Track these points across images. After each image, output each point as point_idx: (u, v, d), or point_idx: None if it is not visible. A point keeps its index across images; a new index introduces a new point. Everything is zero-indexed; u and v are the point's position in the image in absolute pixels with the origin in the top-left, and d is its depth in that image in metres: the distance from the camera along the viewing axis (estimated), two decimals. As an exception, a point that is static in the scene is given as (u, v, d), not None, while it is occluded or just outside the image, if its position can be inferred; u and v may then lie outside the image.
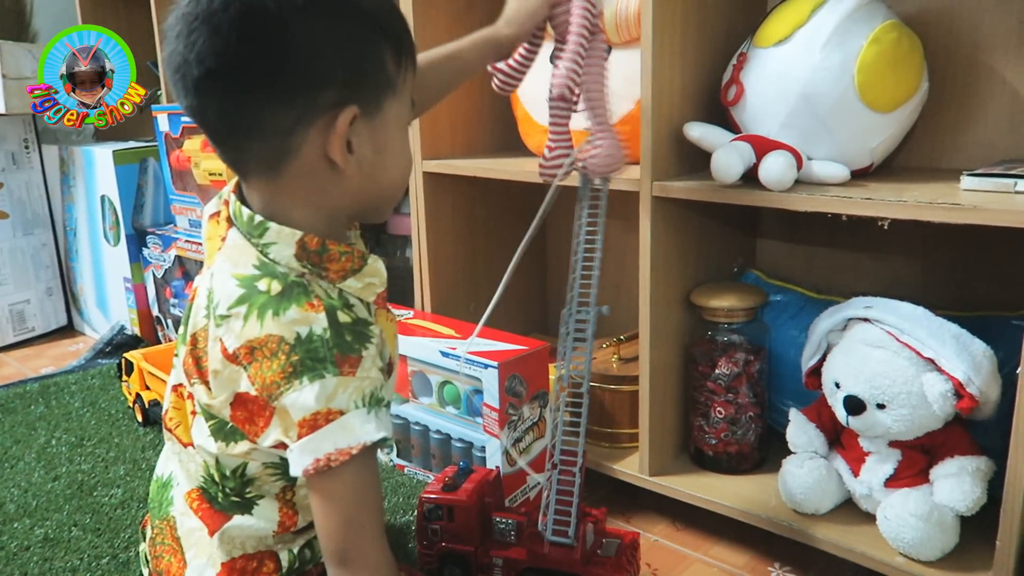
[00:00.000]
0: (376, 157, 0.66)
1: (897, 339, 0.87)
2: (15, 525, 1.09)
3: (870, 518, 0.94)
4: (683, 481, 1.07)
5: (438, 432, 1.19)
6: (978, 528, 0.88)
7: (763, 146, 0.93)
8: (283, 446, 0.65)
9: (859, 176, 0.97)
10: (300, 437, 0.62)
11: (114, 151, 1.76)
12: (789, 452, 1.01)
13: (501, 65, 0.88)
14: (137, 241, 1.80)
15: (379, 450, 0.65)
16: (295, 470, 0.63)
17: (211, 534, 0.73)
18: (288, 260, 0.65)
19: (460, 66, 0.87)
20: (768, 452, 1.11)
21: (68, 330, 2.02)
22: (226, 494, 0.73)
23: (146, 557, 0.81)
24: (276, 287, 0.64)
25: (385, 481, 1.19)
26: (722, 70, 1.04)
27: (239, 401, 0.67)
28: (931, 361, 0.86)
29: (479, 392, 1.09)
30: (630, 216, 1.04)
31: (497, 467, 1.06)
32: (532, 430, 1.13)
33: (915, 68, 0.95)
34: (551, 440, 0.90)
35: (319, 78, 0.61)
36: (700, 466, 1.11)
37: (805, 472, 0.95)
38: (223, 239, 0.69)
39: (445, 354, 1.13)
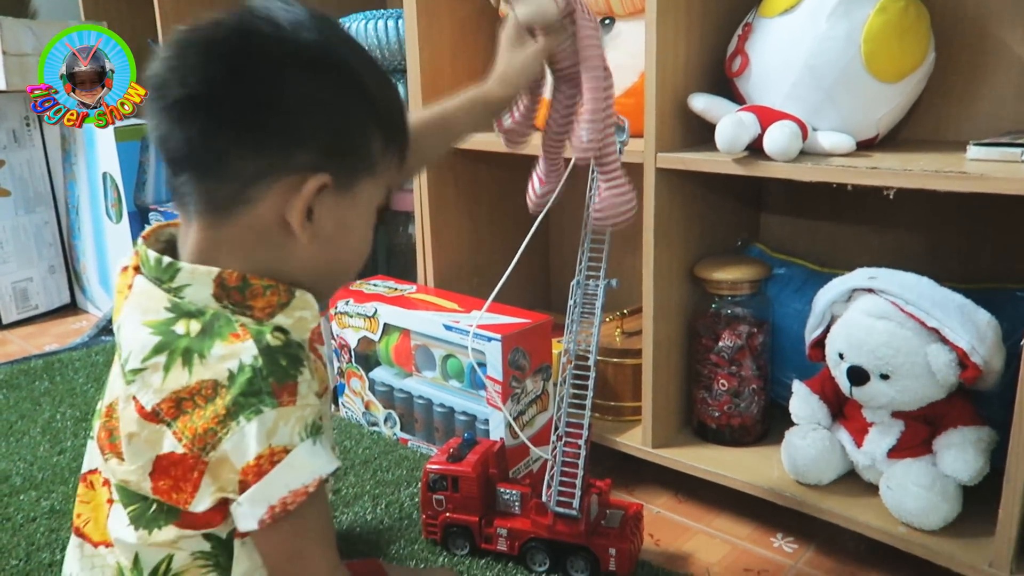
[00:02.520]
0: (335, 233, 0.62)
1: (901, 310, 0.87)
2: (21, 497, 1.09)
3: (873, 489, 0.95)
4: (686, 453, 1.08)
5: (441, 405, 1.19)
6: (980, 498, 0.88)
7: (768, 117, 0.92)
8: (221, 507, 0.59)
9: (864, 147, 0.97)
10: (247, 487, 0.56)
11: (115, 128, 1.75)
12: (792, 425, 1.01)
13: (506, 122, 0.83)
14: (139, 218, 1.80)
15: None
16: (247, 524, 0.57)
17: None
18: (206, 302, 0.59)
19: (448, 134, 0.84)
20: (771, 425, 1.11)
21: (71, 308, 2.02)
22: None
23: None
24: (196, 327, 0.58)
25: (388, 455, 1.20)
26: (727, 41, 1.03)
27: (160, 467, 0.59)
28: (935, 331, 0.86)
29: (482, 365, 1.10)
30: (634, 188, 1.04)
31: (501, 439, 1.07)
32: (535, 403, 1.14)
33: (922, 38, 0.94)
34: (556, 412, 0.90)
35: (300, 137, 0.58)
36: (703, 439, 1.11)
37: (808, 443, 0.96)
38: (129, 287, 0.63)
39: (448, 327, 1.13)
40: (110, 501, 0.64)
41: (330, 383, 0.70)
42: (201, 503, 0.59)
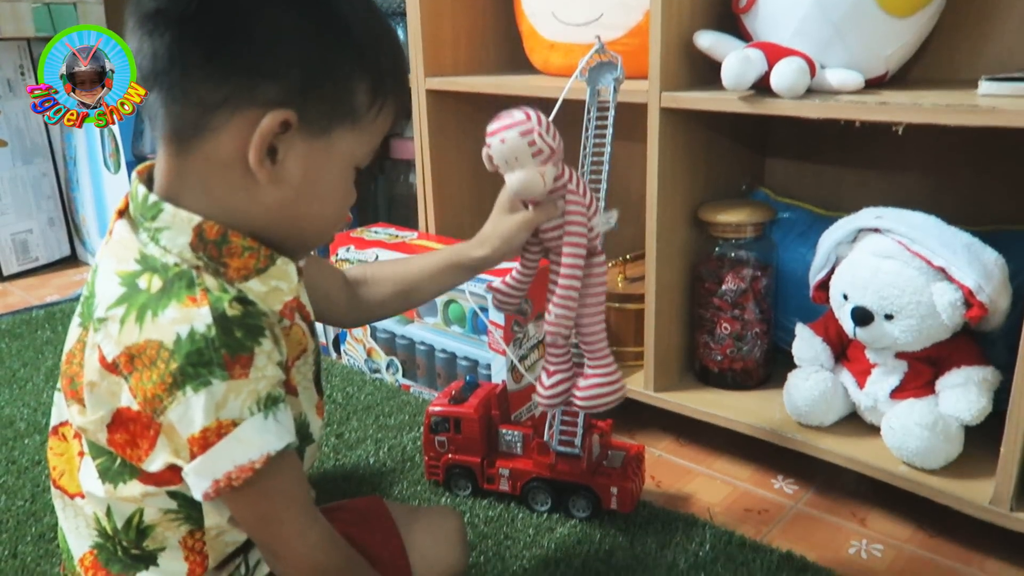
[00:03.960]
0: (303, 182, 0.58)
1: (908, 248, 0.86)
2: (26, 441, 1.10)
3: (874, 430, 0.95)
4: (687, 397, 1.08)
5: (443, 351, 1.19)
6: (982, 438, 0.88)
7: (775, 53, 0.90)
8: (175, 471, 0.57)
9: (873, 85, 0.95)
10: (193, 457, 0.54)
11: (111, 76, 1.72)
12: (794, 369, 1.01)
13: (498, 284, 0.83)
14: (138, 169, 1.78)
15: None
16: (196, 495, 0.56)
17: None
18: (181, 249, 0.57)
19: (411, 300, 0.84)
20: (773, 369, 1.11)
21: (72, 261, 2.01)
22: (124, 548, 0.63)
23: None
24: (157, 283, 0.55)
25: (391, 401, 1.20)
26: (734, -23, 1.01)
27: (118, 421, 0.58)
28: (941, 270, 0.85)
29: (484, 310, 1.09)
30: (636, 132, 1.02)
31: (503, 381, 1.07)
32: (537, 348, 1.14)
33: (934, -29, 0.92)
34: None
35: (269, 68, 0.55)
36: (705, 383, 1.11)
37: (810, 385, 0.96)
38: (110, 233, 0.61)
39: (450, 273, 1.12)
40: (81, 454, 0.63)
41: (314, 342, 0.68)
42: (154, 463, 0.58)
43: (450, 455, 0.96)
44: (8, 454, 1.07)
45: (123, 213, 0.61)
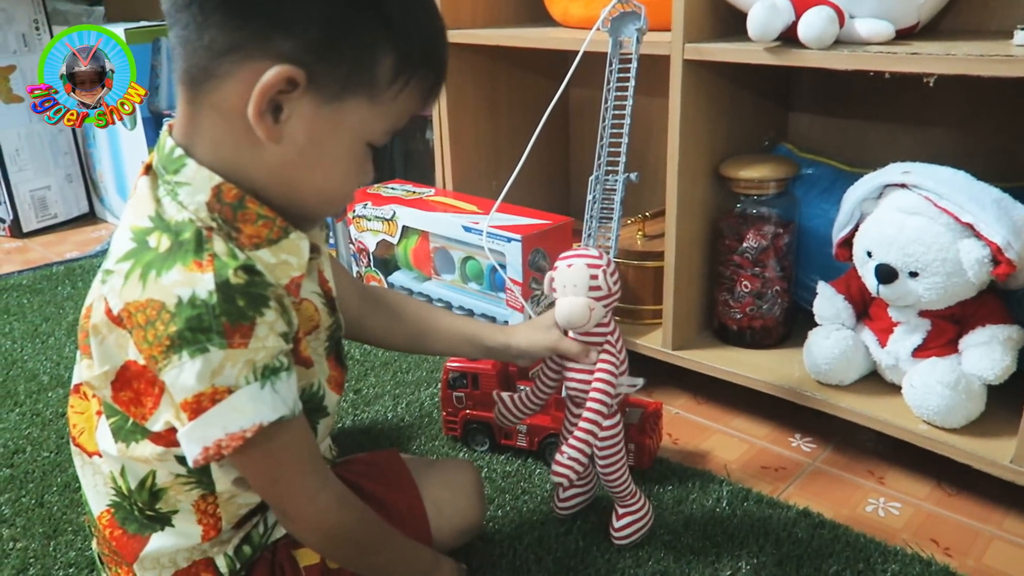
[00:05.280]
0: (308, 146, 0.56)
1: (935, 204, 0.85)
2: (50, 394, 1.12)
3: (895, 389, 0.94)
4: (706, 355, 1.07)
5: (460, 308, 1.19)
6: (1005, 397, 0.87)
7: (803, 3, 0.87)
8: (174, 432, 0.57)
9: (904, 36, 0.92)
10: (187, 422, 0.54)
11: (125, 30, 1.71)
12: (814, 327, 1.00)
13: (505, 397, 0.84)
14: (154, 124, 1.78)
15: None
16: (188, 460, 0.55)
17: (131, 562, 0.65)
18: (198, 207, 0.56)
19: (428, 345, 0.84)
20: (793, 328, 1.10)
21: (90, 218, 2.02)
22: (140, 508, 0.63)
23: (99, 558, 0.72)
24: (165, 243, 0.55)
25: (408, 357, 1.20)
26: (761, -77, 0.97)
27: (123, 377, 0.58)
28: (969, 226, 0.83)
29: (502, 266, 1.09)
30: (657, 86, 1.00)
31: (520, 339, 1.07)
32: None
33: (971, -84, 0.88)
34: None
35: (284, 21, 0.53)
36: (723, 341, 1.10)
37: (831, 343, 0.95)
38: (135, 188, 0.60)
39: (468, 229, 1.12)
40: (99, 413, 0.63)
41: (332, 318, 0.68)
42: (158, 422, 0.58)
43: (468, 411, 0.97)
44: (32, 406, 1.08)
45: (149, 168, 0.60)
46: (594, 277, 0.74)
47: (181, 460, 0.60)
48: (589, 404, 0.76)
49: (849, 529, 0.83)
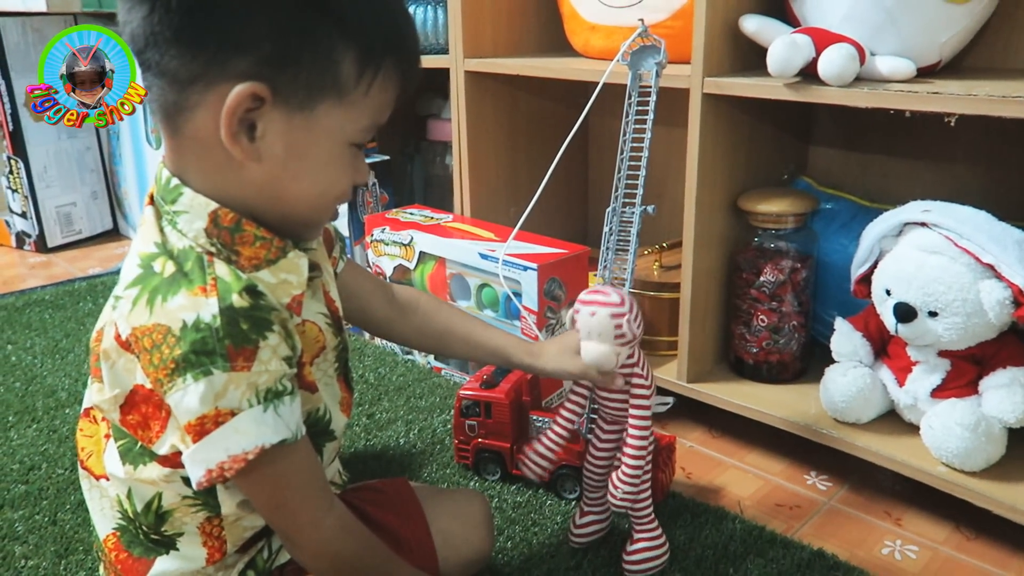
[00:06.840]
0: (288, 158, 0.57)
1: (955, 244, 0.84)
2: (67, 411, 1.13)
3: (913, 428, 0.92)
4: (721, 388, 1.06)
5: (476, 335, 1.19)
6: (1026, 440, 0.86)
7: (823, 39, 0.87)
8: (180, 454, 0.57)
9: (925, 74, 0.92)
10: (191, 444, 0.55)
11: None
12: (832, 363, 0.99)
13: (532, 454, 0.82)
14: (178, 145, 1.80)
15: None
16: (192, 482, 0.56)
17: None
18: (197, 234, 0.57)
19: (455, 349, 0.84)
20: (810, 363, 1.09)
21: (114, 234, 2.05)
22: (145, 532, 0.64)
23: None
24: (170, 268, 0.56)
25: (422, 383, 1.20)
26: (783, -41, 0.98)
27: (132, 400, 0.59)
28: (990, 267, 0.82)
29: (517, 295, 1.09)
30: (676, 117, 1.00)
31: (534, 368, 1.06)
32: (570, 335, 1.13)
33: (994, -45, 0.88)
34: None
35: (239, 40, 0.53)
36: (739, 375, 1.09)
37: (848, 380, 0.94)
38: (143, 216, 0.61)
39: (484, 256, 1.12)
40: (107, 436, 0.64)
41: (338, 339, 0.68)
42: (164, 445, 0.59)
43: (480, 439, 0.96)
44: (49, 423, 1.09)
45: (152, 198, 0.62)
46: (619, 327, 0.74)
47: (187, 481, 0.60)
48: (632, 432, 0.76)
49: (865, 572, 0.81)
